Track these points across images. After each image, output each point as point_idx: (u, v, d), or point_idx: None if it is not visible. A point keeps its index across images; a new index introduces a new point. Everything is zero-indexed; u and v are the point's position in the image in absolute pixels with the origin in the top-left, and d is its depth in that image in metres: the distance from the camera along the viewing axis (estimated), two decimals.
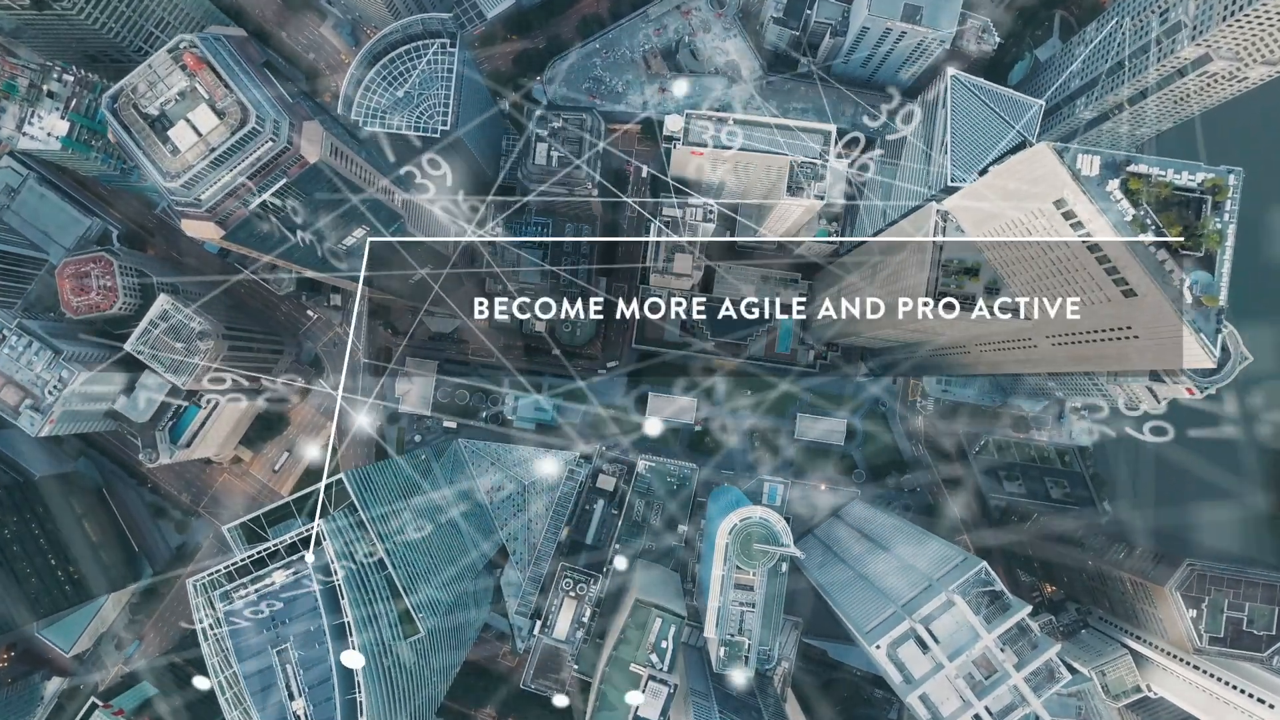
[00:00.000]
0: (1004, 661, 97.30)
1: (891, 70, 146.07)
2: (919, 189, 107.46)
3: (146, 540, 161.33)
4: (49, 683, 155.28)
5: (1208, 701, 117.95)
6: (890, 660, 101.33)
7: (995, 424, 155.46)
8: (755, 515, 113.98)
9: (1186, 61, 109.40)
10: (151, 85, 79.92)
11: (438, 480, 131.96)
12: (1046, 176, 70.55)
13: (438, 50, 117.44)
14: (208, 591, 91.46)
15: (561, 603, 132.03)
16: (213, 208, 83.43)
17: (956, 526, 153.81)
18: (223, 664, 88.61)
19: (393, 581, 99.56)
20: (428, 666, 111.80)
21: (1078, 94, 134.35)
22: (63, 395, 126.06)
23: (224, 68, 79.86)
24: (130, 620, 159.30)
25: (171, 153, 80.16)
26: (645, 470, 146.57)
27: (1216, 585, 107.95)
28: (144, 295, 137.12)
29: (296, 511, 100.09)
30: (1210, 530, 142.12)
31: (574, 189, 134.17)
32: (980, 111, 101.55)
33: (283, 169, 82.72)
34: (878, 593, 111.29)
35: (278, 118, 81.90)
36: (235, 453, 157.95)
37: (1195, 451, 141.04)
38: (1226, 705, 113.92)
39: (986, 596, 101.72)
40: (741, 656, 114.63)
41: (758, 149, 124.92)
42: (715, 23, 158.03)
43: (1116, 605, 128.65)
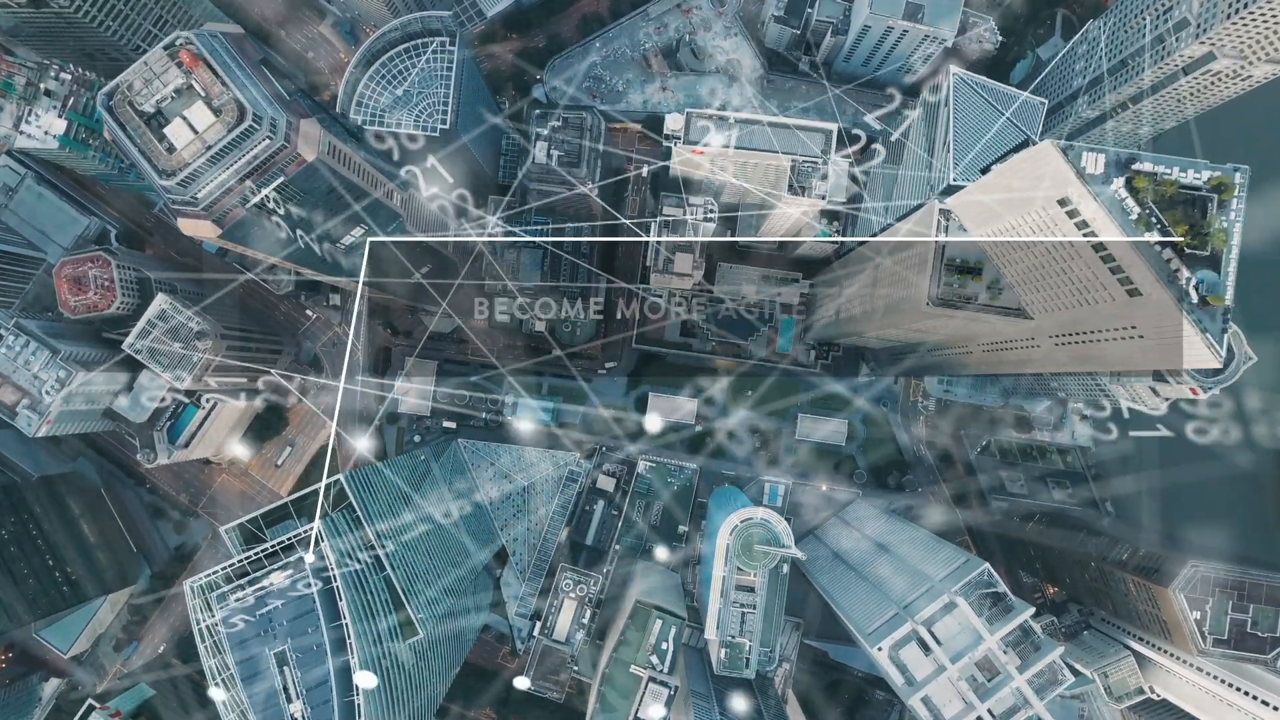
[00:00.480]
0: (1007, 664, 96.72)
1: (893, 69, 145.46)
2: (921, 188, 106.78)
3: (145, 541, 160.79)
4: (47, 684, 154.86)
5: (1211, 703, 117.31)
6: (892, 662, 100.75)
7: (997, 424, 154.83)
8: (756, 516, 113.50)
9: (1191, 59, 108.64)
10: (147, 82, 79.10)
11: (437, 481, 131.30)
12: (1051, 175, 69.89)
13: (437, 49, 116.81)
14: (205, 594, 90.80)
15: (561, 604, 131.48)
16: (209, 206, 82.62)
17: (958, 527, 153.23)
18: (220, 666, 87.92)
19: (391, 583, 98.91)
20: (427, 668, 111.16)
21: (1079, 93, 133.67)
22: (60, 395, 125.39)
23: (220, 65, 79.07)
24: (129, 621, 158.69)
25: (168, 150, 79.40)
26: (646, 471, 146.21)
27: (1220, 587, 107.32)
28: (142, 295, 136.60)
29: (295, 513, 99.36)
30: (1213, 531, 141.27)
31: (573, 187, 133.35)
32: (983, 110, 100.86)
33: (280, 167, 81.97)
34: (880, 594, 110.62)
35: (275, 115, 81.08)
36: (234, 452, 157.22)
37: (1198, 451, 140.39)
38: (1230, 707, 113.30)
39: (989, 598, 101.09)
40: (742, 659, 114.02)
41: (759, 148, 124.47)
42: (716, 21, 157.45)
43: (1119, 607, 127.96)
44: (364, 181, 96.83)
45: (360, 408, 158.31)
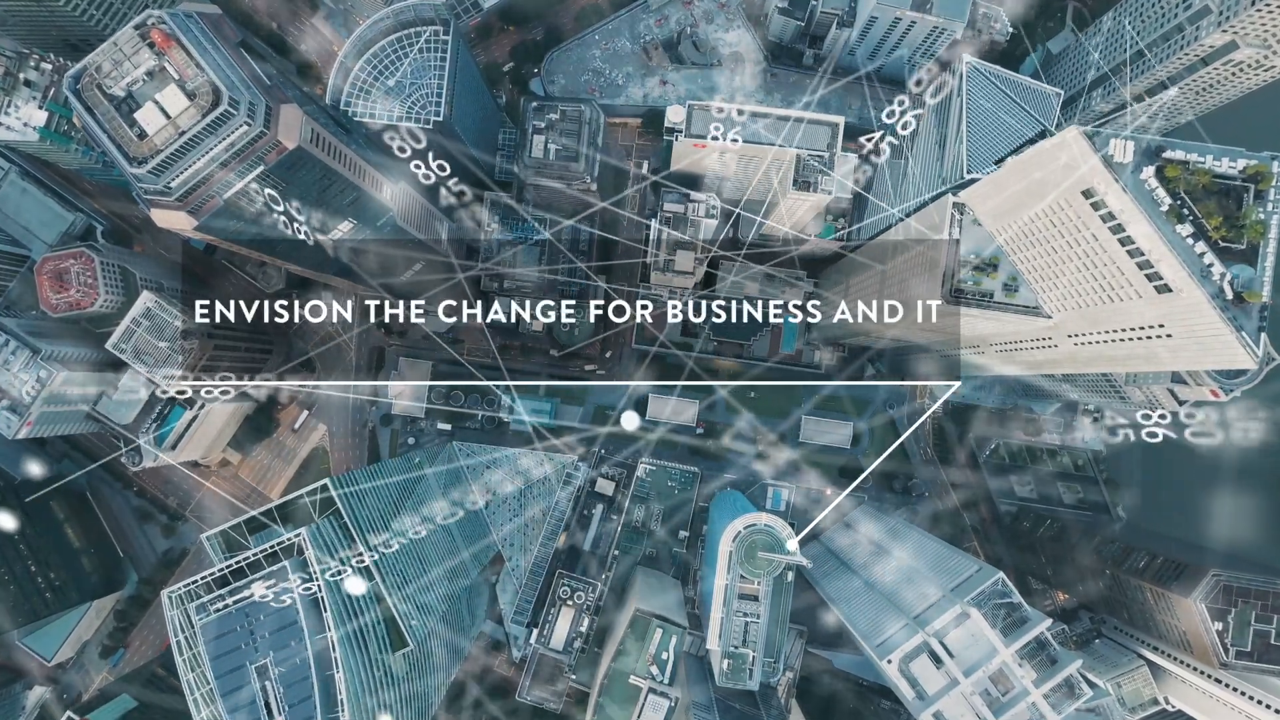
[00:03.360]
0: (1022, 677, 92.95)
1: (900, 62, 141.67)
2: (933, 181, 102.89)
3: (132, 545, 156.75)
4: (30, 692, 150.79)
5: (1231, 717, 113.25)
6: (902, 675, 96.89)
7: (1006, 427, 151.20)
8: (760, 522, 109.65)
9: (1211, 49, 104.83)
10: (117, 64, 74.67)
11: (430, 485, 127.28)
12: (1075, 164, 65.98)
13: (430, 38, 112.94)
14: (184, 604, 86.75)
15: (559, 611, 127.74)
16: (184, 196, 78.34)
17: (966, 532, 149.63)
18: (199, 680, 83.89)
19: (380, 592, 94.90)
20: (418, 679, 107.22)
21: (1094, 86, 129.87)
22: (41, 396, 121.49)
23: (195, 46, 74.63)
24: (115, 628, 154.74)
25: (138, 136, 74.97)
26: (645, 474, 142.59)
27: (1243, 597, 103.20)
28: (127, 293, 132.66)
29: (279, 519, 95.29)
30: (1229, 537, 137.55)
31: (571, 183, 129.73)
32: (997, 100, 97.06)
33: (259, 155, 77.72)
34: (888, 604, 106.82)
35: (253, 100, 76.85)
36: (224, 455, 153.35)
37: (1214, 455, 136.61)
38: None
39: (1003, 609, 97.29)
40: (746, 670, 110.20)
41: (763, 142, 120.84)
42: (718, 13, 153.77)
43: (1135, 615, 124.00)
44: (352, 173, 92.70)
45: (353, 409, 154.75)
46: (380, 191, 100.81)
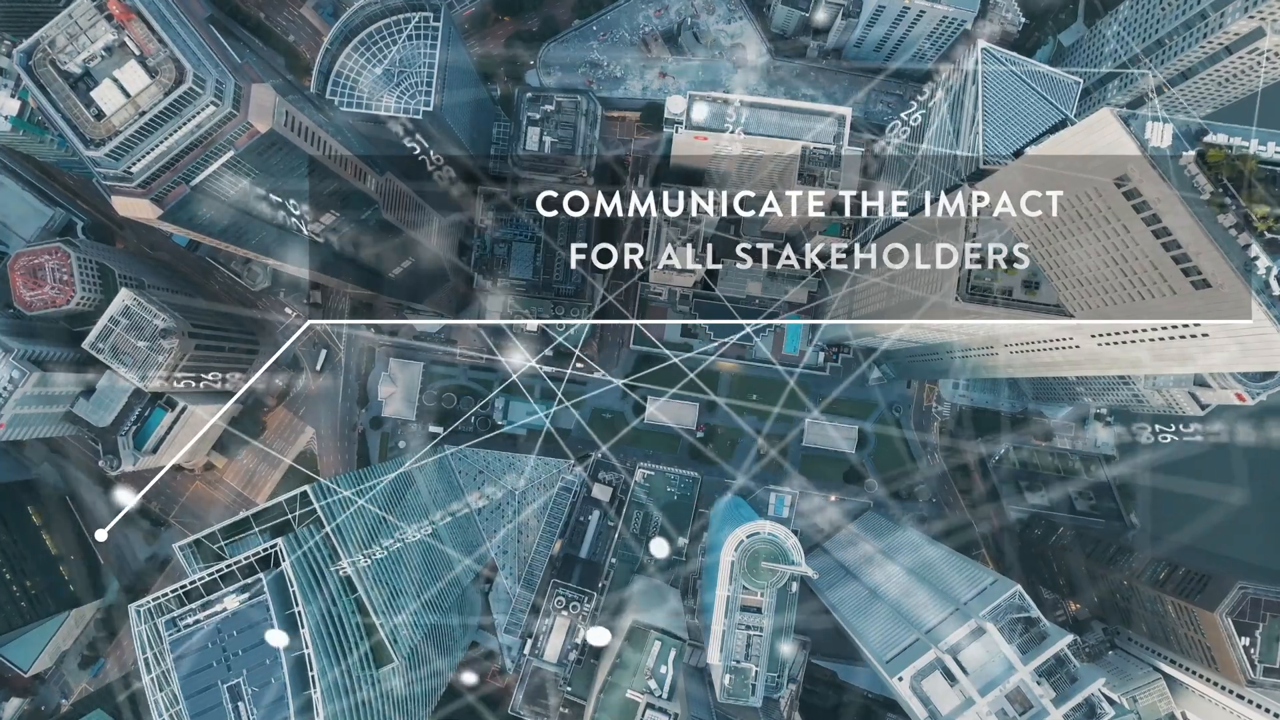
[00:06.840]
0: (1041, 696, 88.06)
1: (908, 54, 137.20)
2: (946, 173, 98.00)
3: (113, 552, 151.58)
4: (7, 704, 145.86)
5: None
6: (914, 693, 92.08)
7: (1016, 431, 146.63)
8: (763, 530, 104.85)
9: (1236, 36, 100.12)
10: (72, 38, 69.30)
11: (420, 490, 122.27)
12: (1108, 149, 61.12)
13: (420, 24, 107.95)
14: (153, 619, 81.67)
15: (553, 623, 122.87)
16: (146, 182, 73.07)
17: (975, 540, 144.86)
18: (168, 701, 78.77)
19: (363, 604, 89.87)
20: (405, 694, 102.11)
21: (1109, 77, 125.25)
22: (13, 397, 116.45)
23: (157, 18, 69.29)
24: (95, 637, 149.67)
25: (95, 117, 69.69)
26: (644, 479, 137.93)
27: (1272, 611, 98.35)
28: (106, 290, 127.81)
29: (258, 527, 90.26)
30: (1248, 546, 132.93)
31: (567, 177, 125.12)
32: (1014, 87, 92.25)
33: (229, 138, 72.76)
34: (898, 616, 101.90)
35: (220, 78, 71.59)
36: (208, 458, 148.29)
37: (1234, 461, 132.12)
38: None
39: (1020, 623, 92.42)
40: (748, 685, 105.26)
41: (767, 134, 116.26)
42: (720, 3, 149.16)
43: (1153, 628, 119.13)
44: (332, 162, 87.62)
45: (342, 412, 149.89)
46: (364, 181, 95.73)
